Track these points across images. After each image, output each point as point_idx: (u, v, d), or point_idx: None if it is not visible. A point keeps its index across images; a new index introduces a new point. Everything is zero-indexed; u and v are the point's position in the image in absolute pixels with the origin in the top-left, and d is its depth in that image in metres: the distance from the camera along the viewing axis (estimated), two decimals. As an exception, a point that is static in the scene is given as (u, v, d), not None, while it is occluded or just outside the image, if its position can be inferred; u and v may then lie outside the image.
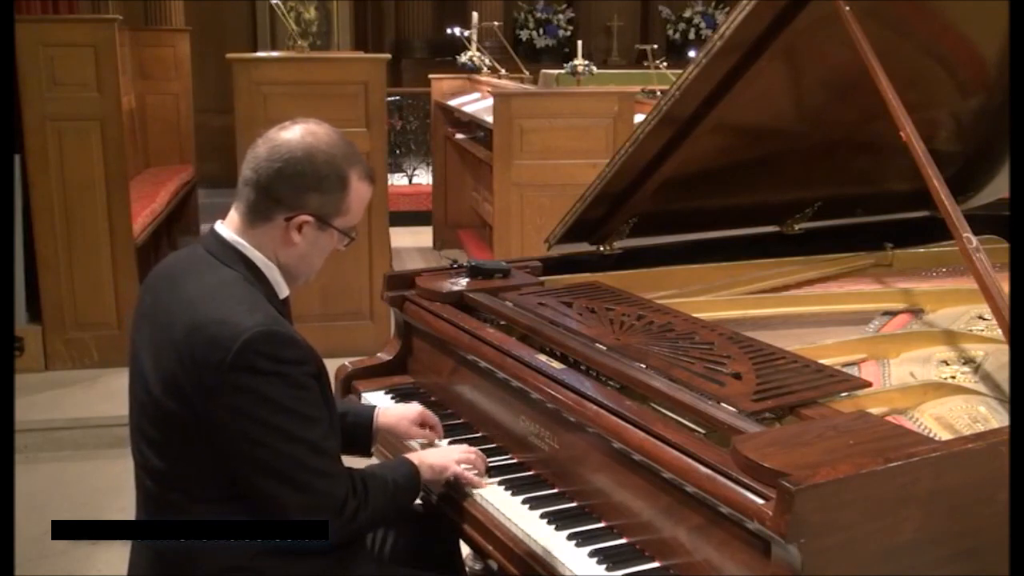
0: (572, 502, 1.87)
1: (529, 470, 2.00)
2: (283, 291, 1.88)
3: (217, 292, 1.75)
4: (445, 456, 2.00)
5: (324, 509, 1.74)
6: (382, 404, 2.36)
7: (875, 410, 1.78)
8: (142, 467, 1.84)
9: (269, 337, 1.69)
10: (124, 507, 1.88)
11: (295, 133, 1.83)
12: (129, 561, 1.91)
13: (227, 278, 1.79)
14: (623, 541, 1.74)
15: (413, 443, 2.17)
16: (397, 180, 8.99)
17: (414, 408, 2.18)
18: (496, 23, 9.40)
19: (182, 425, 1.73)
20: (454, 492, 1.99)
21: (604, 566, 1.66)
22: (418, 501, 2.05)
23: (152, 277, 1.90)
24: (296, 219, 1.81)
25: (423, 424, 2.16)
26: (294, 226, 1.81)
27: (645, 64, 8.37)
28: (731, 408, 1.71)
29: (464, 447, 2.04)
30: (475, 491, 1.95)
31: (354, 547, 1.88)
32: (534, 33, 11.94)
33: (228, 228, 1.85)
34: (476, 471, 1.98)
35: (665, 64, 7.76)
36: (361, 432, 2.13)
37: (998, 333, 2.17)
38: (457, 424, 2.23)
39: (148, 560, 1.84)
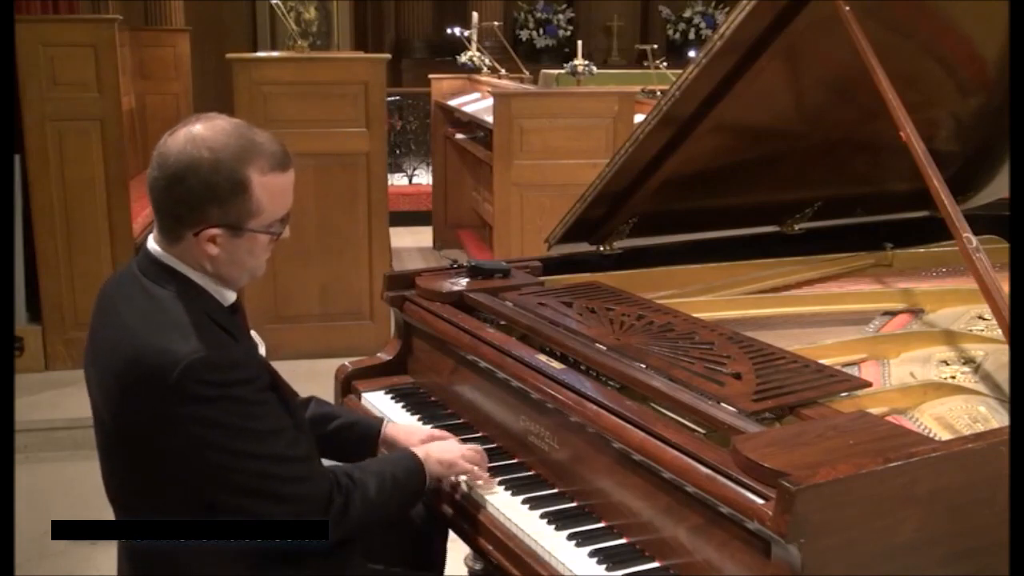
0: (572, 502, 1.87)
1: (529, 470, 2.00)
2: (227, 299, 1.80)
3: (151, 318, 1.69)
4: (452, 451, 1.96)
5: (309, 513, 1.72)
6: (383, 405, 2.37)
7: (875, 410, 1.78)
8: (112, 500, 1.82)
9: (206, 363, 1.63)
10: (124, 507, 1.87)
11: (177, 143, 1.69)
12: None
13: (160, 300, 1.71)
14: (623, 541, 1.74)
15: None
16: (397, 180, 9.00)
17: (424, 430, 2.10)
18: (496, 23, 9.42)
19: (142, 456, 1.70)
20: (453, 491, 1.98)
21: (604, 566, 1.66)
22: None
23: (96, 302, 1.83)
24: (203, 234, 1.70)
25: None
26: (204, 239, 1.71)
27: (645, 64, 8.38)
28: (731, 408, 1.71)
29: (468, 445, 2.01)
30: (475, 491, 1.95)
31: (349, 549, 1.87)
32: (534, 33, 11.97)
33: (156, 243, 1.76)
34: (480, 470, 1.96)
35: (665, 64, 7.77)
36: (365, 445, 2.08)
37: (998, 333, 2.17)
38: (457, 424, 2.23)
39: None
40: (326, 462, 1.88)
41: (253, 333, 1.94)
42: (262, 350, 1.94)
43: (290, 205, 1.79)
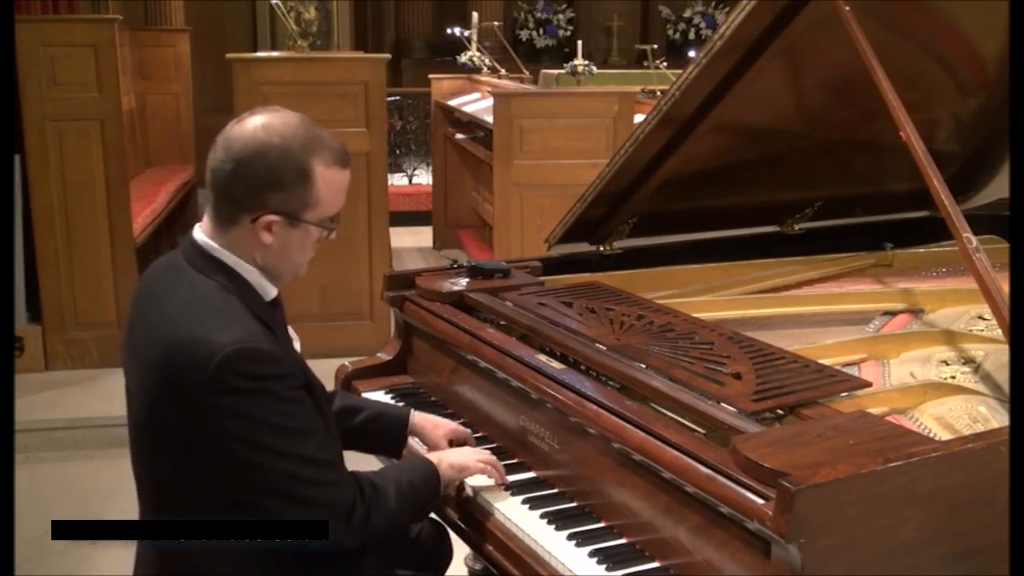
0: (572, 502, 1.87)
1: (529, 470, 2.00)
2: (269, 293, 1.81)
3: (192, 308, 1.69)
4: (465, 456, 1.96)
5: (331, 519, 1.71)
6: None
7: (875, 410, 1.78)
8: (140, 487, 1.82)
9: (244, 354, 1.63)
10: (124, 507, 1.87)
11: (246, 129, 1.72)
12: None
13: (203, 290, 1.72)
14: (623, 541, 1.74)
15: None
16: (397, 180, 8.99)
17: (449, 423, 2.12)
18: (496, 23, 9.41)
19: (173, 446, 1.70)
20: (454, 492, 1.98)
21: (604, 566, 1.66)
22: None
23: (137, 289, 1.84)
24: (261, 220, 1.72)
25: (452, 442, 2.09)
26: (261, 227, 1.73)
27: (645, 64, 8.37)
28: (731, 408, 1.71)
29: (485, 454, 2.00)
30: (475, 492, 1.95)
31: (361, 552, 1.87)
32: (534, 33, 11.95)
33: (203, 233, 1.78)
34: (492, 479, 1.95)
35: (665, 64, 7.76)
36: (394, 435, 2.09)
37: (998, 333, 2.17)
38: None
39: None
40: (353, 455, 1.87)
41: (290, 329, 1.95)
42: (297, 345, 1.94)
43: (342, 205, 1.81)
